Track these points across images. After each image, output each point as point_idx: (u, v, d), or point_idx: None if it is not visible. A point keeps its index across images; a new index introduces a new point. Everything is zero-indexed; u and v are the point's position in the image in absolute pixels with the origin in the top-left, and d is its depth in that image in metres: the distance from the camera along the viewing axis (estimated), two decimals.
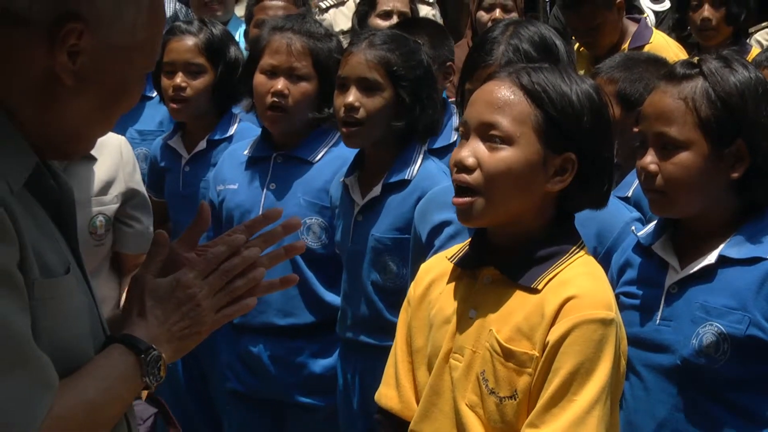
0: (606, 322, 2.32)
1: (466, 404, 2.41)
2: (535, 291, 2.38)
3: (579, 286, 2.35)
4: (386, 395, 2.61)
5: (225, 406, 4.17)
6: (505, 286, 2.42)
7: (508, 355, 2.35)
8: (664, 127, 2.69)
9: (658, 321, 2.75)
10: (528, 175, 2.39)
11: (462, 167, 2.39)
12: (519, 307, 2.38)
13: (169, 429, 2.29)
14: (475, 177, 2.38)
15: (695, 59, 2.77)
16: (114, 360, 1.89)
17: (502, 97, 2.41)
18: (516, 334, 2.36)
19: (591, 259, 2.48)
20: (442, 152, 3.98)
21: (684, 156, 2.66)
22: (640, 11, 6.87)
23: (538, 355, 2.33)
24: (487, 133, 2.39)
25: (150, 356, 1.90)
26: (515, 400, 2.34)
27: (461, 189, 2.41)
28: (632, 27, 5.60)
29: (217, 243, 2.01)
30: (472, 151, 2.40)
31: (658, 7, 6.71)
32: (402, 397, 2.58)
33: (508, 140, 2.38)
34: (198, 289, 1.96)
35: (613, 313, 2.35)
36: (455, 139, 4.08)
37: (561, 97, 2.39)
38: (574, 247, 2.45)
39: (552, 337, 2.31)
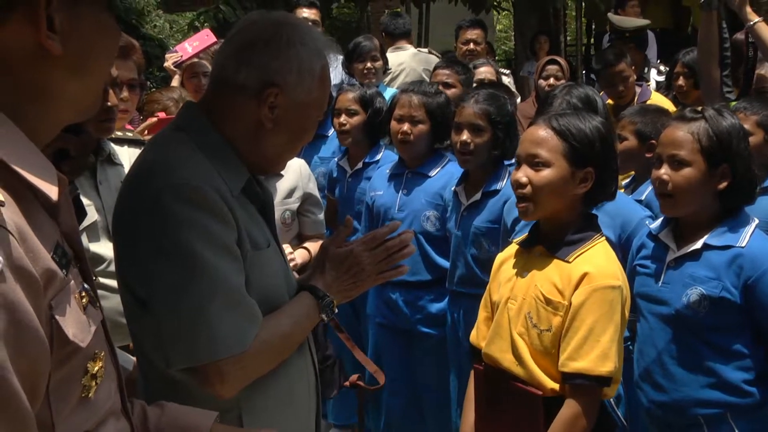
0: (615, 288, 2.33)
1: (517, 333, 2.43)
2: (568, 262, 2.39)
3: (596, 263, 2.36)
4: (473, 334, 2.66)
5: (373, 333, 4.18)
6: (549, 258, 2.44)
7: (547, 301, 2.37)
8: (675, 150, 2.65)
9: (660, 284, 2.70)
10: (561, 184, 2.41)
11: (518, 185, 2.45)
12: (557, 272, 2.40)
13: (337, 333, 2.33)
14: (528, 190, 2.43)
15: (699, 108, 2.73)
16: (302, 302, 1.92)
17: (540, 135, 2.45)
18: (553, 289, 2.37)
19: (606, 244, 2.47)
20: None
21: (688, 171, 2.63)
22: (647, 80, 6.84)
23: (566, 303, 2.33)
24: (533, 160, 2.43)
25: (326, 301, 1.93)
26: (550, 332, 2.36)
27: (520, 198, 2.46)
28: (638, 89, 5.59)
29: (381, 228, 2.05)
30: (524, 173, 2.44)
31: (661, 78, 6.55)
32: (479, 335, 2.61)
33: (546, 164, 2.42)
34: (364, 258, 1.99)
35: (620, 281, 2.36)
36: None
37: (579, 131, 2.42)
38: (596, 235, 2.45)
39: (576, 298, 2.32)
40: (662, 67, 6.99)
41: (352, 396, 4.35)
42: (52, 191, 1.13)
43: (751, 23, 3.93)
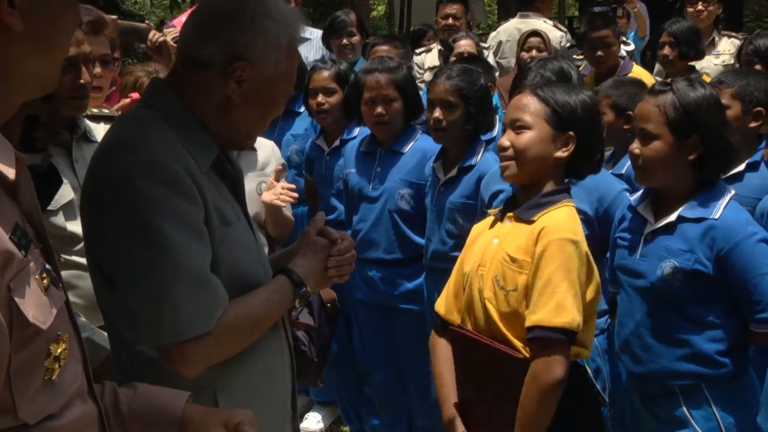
0: (573, 242, 2.34)
1: (485, 298, 2.42)
2: (532, 222, 2.39)
3: (556, 219, 2.38)
4: (439, 303, 2.64)
5: (354, 309, 4.16)
6: (518, 222, 2.45)
7: (512, 260, 2.37)
8: (644, 124, 2.65)
9: (638, 256, 2.70)
10: (541, 145, 2.43)
11: (501, 148, 2.47)
12: (522, 233, 2.40)
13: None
14: (510, 152, 2.45)
15: (669, 80, 2.73)
16: (277, 286, 1.90)
17: (524, 102, 2.48)
18: (519, 249, 2.38)
19: (572, 209, 2.47)
20: (488, 142, 3.87)
21: (656, 144, 2.63)
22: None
23: (530, 261, 2.33)
24: (515, 124, 2.45)
25: (302, 289, 1.91)
26: (516, 292, 2.36)
27: (503, 160, 2.48)
28: (620, 61, 5.54)
29: (345, 239, 2.04)
30: (508, 137, 2.46)
31: (628, 49, 6.46)
32: (447, 306, 2.60)
33: (527, 127, 2.44)
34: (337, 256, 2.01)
35: (579, 237, 2.36)
36: (497, 133, 4.03)
37: (562, 97, 2.44)
38: (565, 201, 2.45)
39: (537, 251, 2.33)
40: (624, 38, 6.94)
41: (333, 374, 4.39)
42: (9, 171, 1.12)
43: None
